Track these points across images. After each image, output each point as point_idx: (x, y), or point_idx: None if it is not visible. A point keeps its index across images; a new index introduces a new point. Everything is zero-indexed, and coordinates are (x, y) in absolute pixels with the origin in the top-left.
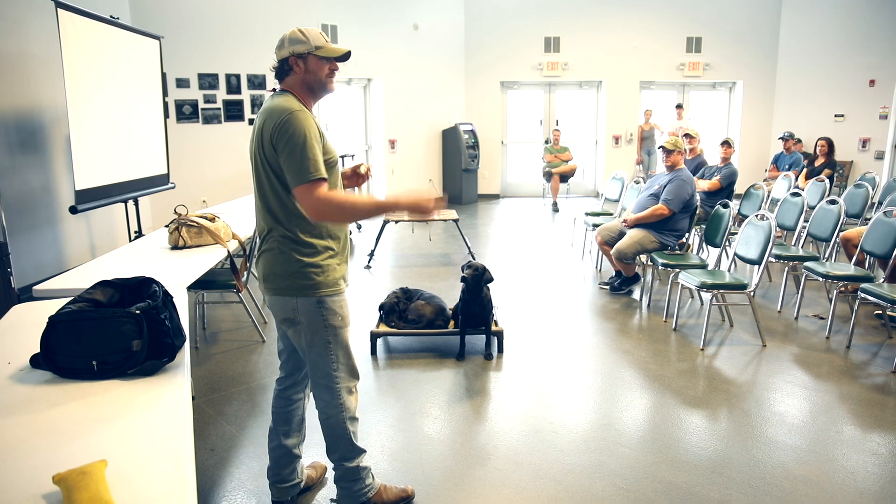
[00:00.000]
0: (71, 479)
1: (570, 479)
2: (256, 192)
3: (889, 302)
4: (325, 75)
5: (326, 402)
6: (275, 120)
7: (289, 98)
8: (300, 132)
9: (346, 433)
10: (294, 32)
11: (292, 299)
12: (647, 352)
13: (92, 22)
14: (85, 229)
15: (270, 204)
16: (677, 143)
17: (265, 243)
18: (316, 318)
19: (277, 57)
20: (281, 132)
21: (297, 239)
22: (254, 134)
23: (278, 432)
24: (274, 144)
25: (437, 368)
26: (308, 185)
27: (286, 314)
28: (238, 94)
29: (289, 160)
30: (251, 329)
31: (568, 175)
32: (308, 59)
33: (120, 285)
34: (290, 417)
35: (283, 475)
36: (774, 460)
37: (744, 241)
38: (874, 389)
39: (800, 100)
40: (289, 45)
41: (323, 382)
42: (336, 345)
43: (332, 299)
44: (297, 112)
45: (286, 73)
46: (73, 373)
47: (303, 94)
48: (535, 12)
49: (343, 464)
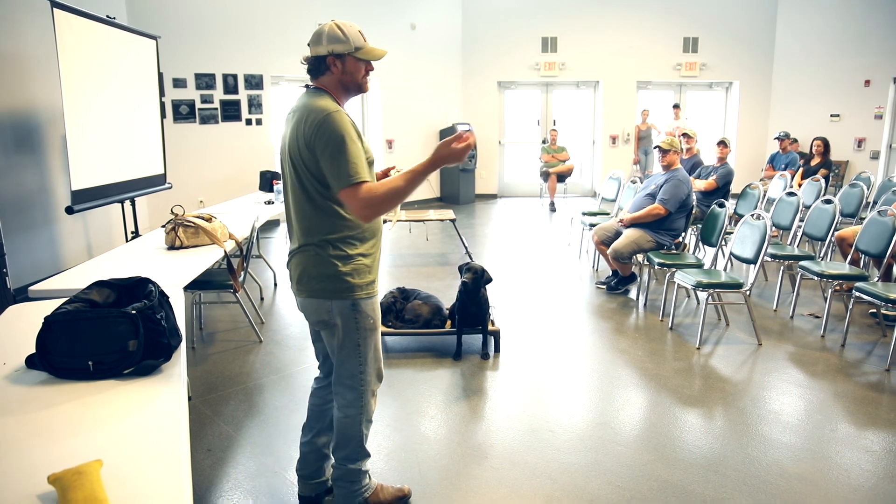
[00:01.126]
0: (66, 478)
1: (567, 478)
2: (290, 193)
3: (883, 301)
4: (361, 76)
5: (349, 401)
6: (311, 121)
7: (324, 97)
8: (339, 134)
9: (359, 434)
10: (333, 29)
11: (327, 302)
12: (643, 351)
13: (88, 21)
14: (81, 230)
15: (304, 205)
16: (673, 143)
17: (299, 244)
18: (350, 320)
19: (313, 53)
20: (318, 134)
21: (332, 241)
22: (287, 132)
23: (311, 429)
24: (310, 145)
25: (434, 368)
26: (352, 188)
27: (320, 316)
28: (235, 94)
29: (330, 163)
30: (248, 329)
31: (565, 175)
32: (346, 60)
33: (116, 285)
34: (324, 415)
35: (311, 471)
36: (769, 458)
37: (739, 241)
38: (868, 387)
39: (796, 100)
40: (327, 42)
41: (348, 383)
42: (366, 347)
43: (366, 302)
44: (335, 113)
45: (322, 72)
46: (69, 373)
47: (337, 92)
48: (532, 12)
49: (346, 464)
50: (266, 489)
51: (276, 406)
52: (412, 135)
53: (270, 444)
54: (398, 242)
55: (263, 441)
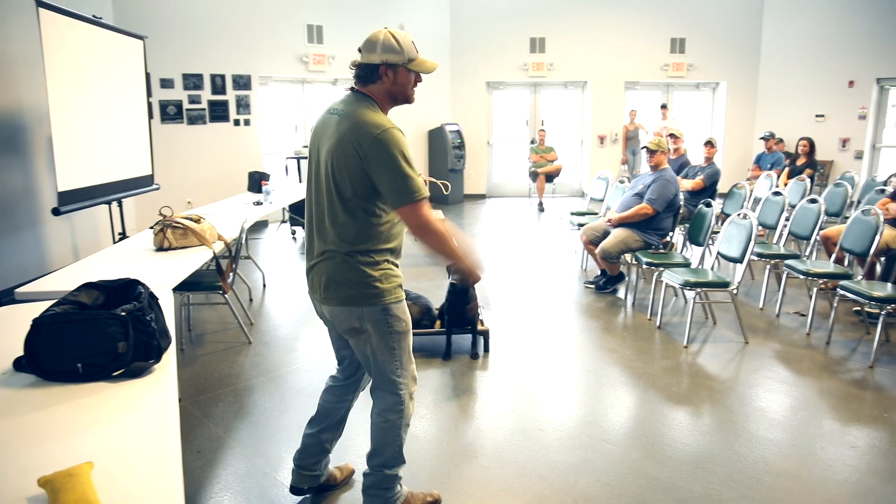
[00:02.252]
0: (57, 481)
1: (556, 476)
2: (323, 197)
3: (867, 298)
4: (410, 87)
5: (390, 405)
6: (368, 134)
7: (374, 107)
8: (399, 152)
9: (398, 439)
10: (388, 38)
11: (357, 308)
12: (631, 350)
13: (74, 21)
14: (68, 231)
15: (339, 212)
16: (661, 143)
17: (323, 251)
18: (382, 325)
19: (365, 60)
20: (377, 149)
21: (362, 249)
22: (325, 135)
23: (319, 423)
24: (363, 157)
25: (424, 368)
26: (413, 205)
27: (351, 324)
28: (223, 95)
29: (390, 180)
30: (237, 330)
31: (553, 175)
32: (399, 71)
33: (105, 287)
34: (334, 414)
35: (307, 464)
36: (756, 455)
37: (726, 240)
38: (853, 384)
39: (782, 100)
40: (381, 51)
41: (388, 388)
42: (400, 350)
43: (396, 306)
44: (393, 129)
45: (372, 80)
46: (58, 375)
47: (384, 102)
48: (520, 13)
49: (383, 470)
50: (256, 490)
51: (266, 407)
52: None
53: (260, 445)
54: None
55: (253, 442)
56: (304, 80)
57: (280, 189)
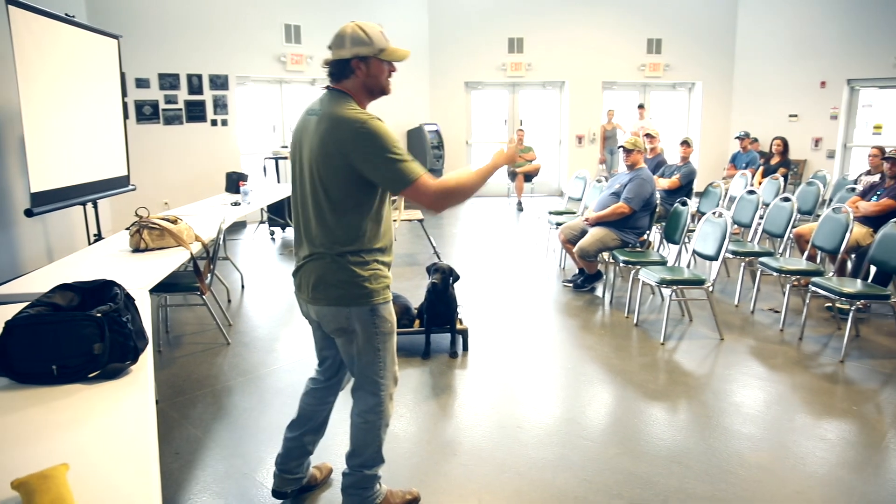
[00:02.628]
0: (31, 483)
1: (534, 473)
2: (308, 199)
3: (837, 295)
4: (384, 78)
5: (370, 406)
6: (349, 130)
7: (350, 102)
8: (383, 139)
9: (377, 439)
10: (356, 31)
11: (345, 308)
12: (609, 347)
13: (46, 20)
14: (42, 233)
15: (326, 213)
16: (637, 142)
17: (312, 252)
18: (369, 326)
19: (335, 56)
20: (361, 143)
21: (351, 250)
22: (304, 137)
23: (301, 426)
24: (347, 154)
25: (403, 367)
26: (414, 185)
27: (339, 324)
28: (200, 95)
29: (382, 169)
30: (215, 332)
31: (532, 174)
32: (371, 62)
33: (80, 288)
34: (316, 417)
35: (290, 467)
36: (730, 448)
37: (701, 238)
38: (824, 378)
39: (756, 100)
40: (351, 45)
41: (369, 389)
42: (385, 351)
43: (384, 307)
44: (372, 120)
45: (346, 75)
46: (32, 378)
47: (360, 96)
48: (498, 13)
49: (363, 470)
50: (235, 491)
51: (245, 408)
52: None
53: (239, 446)
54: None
55: (232, 443)
56: (282, 80)
57: (258, 189)
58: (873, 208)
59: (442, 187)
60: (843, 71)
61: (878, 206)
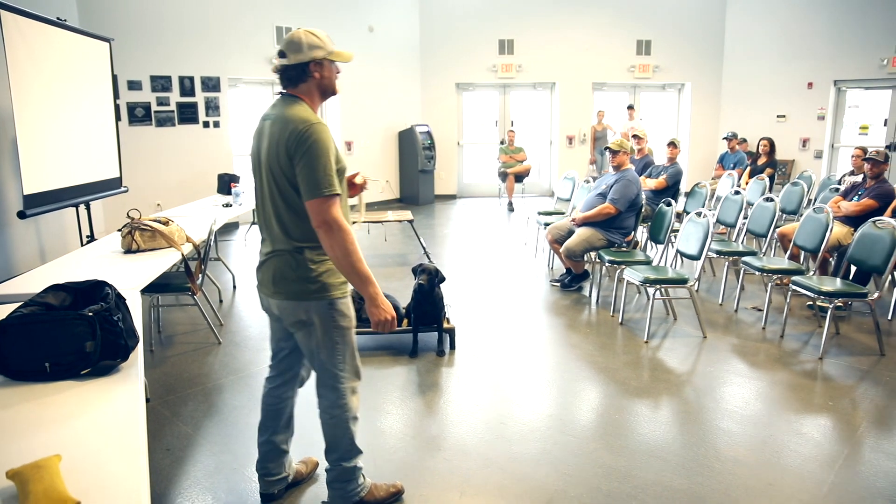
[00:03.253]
0: (25, 473)
1: (515, 467)
2: (266, 199)
3: (816, 293)
4: (335, 78)
5: (332, 401)
6: (294, 131)
7: (302, 106)
8: (320, 146)
9: (347, 432)
10: (309, 36)
11: (304, 302)
12: (593, 345)
13: (38, 24)
14: (34, 235)
15: (283, 212)
16: (623, 144)
17: (273, 249)
18: (328, 319)
19: (294, 61)
20: (300, 143)
21: (308, 246)
22: (263, 141)
23: (268, 428)
24: (291, 154)
25: (391, 366)
26: (323, 199)
27: (298, 317)
28: (192, 97)
29: (305, 171)
30: (207, 331)
31: (523, 175)
32: (324, 65)
33: (72, 289)
34: (280, 415)
35: (270, 469)
36: (707, 443)
37: (685, 238)
38: (803, 375)
39: (745, 101)
40: (308, 49)
41: (330, 383)
42: (344, 345)
43: (342, 301)
44: (317, 125)
45: (302, 79)
46: (26, 375)
47: (314, 99)
48: (488, 15)
49: (341, 464)
50: (225, 486)
51: (235, 406)
52: (371, 137)
53: (229, 442)
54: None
55: (222, 440)
56: (274, 81)
57: (250, 191)
58: (854, 208)
59: (338, 222)
60: (829, 72)
61: (859, 206)
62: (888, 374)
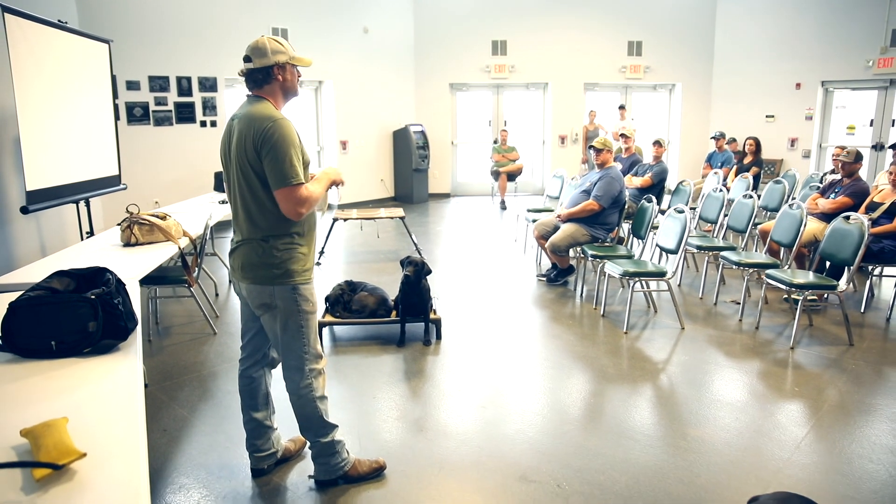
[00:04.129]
0: (36, 430)
1: (492, 446)
2: (236, 192)
3: (788, 285)
4: (296, 81)
5: (297, 382)
6: (259, 127)
7: (267, 105)
8: (284, 139)
9: (316, 411)
10: (272, 42)
11: (269, 287)
12: (574, 336)
13: (40, 26)
14: (35, 230)
15: (250, 203)
16: (606, 142)
17: (242, 238)
18: (291, 303)
19: (258, 64)
20: (266, 139)
21: (274, 234)
22: (232, 138)
23: (248, 406)
24: (258, 149)
25: (379, 354)
26: (290, 188)
27: (263, 300)
28: (189, 97)
29: (272, 164)
30: (203, 323)
31: (515, 174)
32: (286, 68)
33: (75, 275)
34: (255, 393)
35: (258, 445)
36: (675, 423)
37: (664, 233)
38: (774, 363)
39: (734, 101)
40: (272, 54)
41: (294, 364)
42: (307, 328)
43: (305, 286)
44: (281, 120)
45: (267, 81)
46: (33, 353)
47: (278, 100)
48: (482, 16)
49: (318, 440)
50: (217, 462)
51: (229, 391)
52: (366, 136)
53: (222, 423)
54: (351, 240)
55: (216, 421)
56: None
57: None
58: (830, 206)
59: (304, 200)
60: (817, 73)
61: (835, 204)
62: (854, 362)
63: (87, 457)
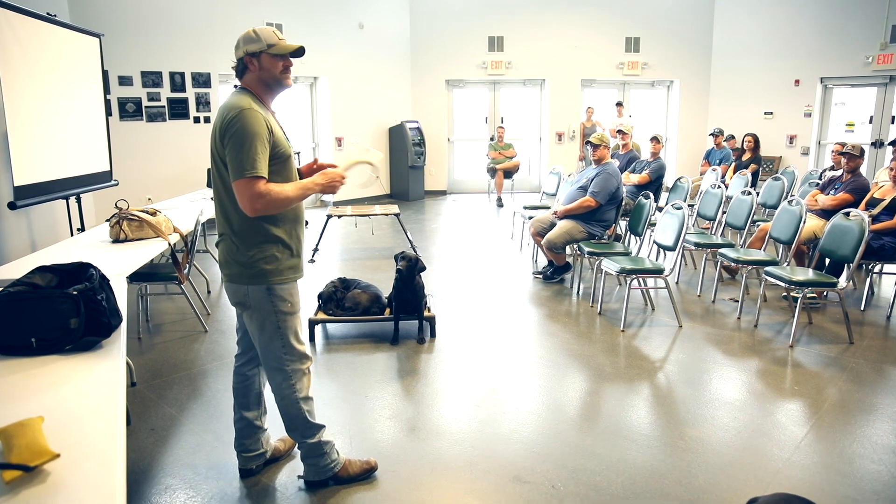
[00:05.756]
0: (9, 430)
1: (486, 445)
2: (216, 189)
3: (787, 282)
4: (279, 72)
5: (279, 383)
6: (224, 116)
7: (243, 96)
8: (246, 129)
9: (300, 412)
10: (248, 32)
11: (243, 286)
12: (571, 334)
13: (28, 19)
14: (24, 226)
15: (223, 197)
16: (603, 138)
17: (221, 232)
18: (265, 304)
19: (236, 56)
20: (227, 128)
21: (248, 230)
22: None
23: (239, 405)
24: (223, 139)
25: (372, 352)
26: (245, 180)
27: (238, 298)
28: (182, 93)
29: (230, 154)
30: (194, 320)
31: (512, 171)
32: (261, 58)
33: (58, 270)
34: (248, 392)
35: (247, 445)
36: (672, 423)
37: (661, 230)
38: (773, 362)
39: (733, 98)
40: (243, 45)
41: (274, 365)
42: (286, 329)
43: (281, 287)
44: (247, 110)
45: (243, 72)
46: (13, 350)
47: (260, 91)
48: (478, 12)
49: (305, 441)
50: (205, 462)
51: (219, 389)
52: (362, 133)
53: (211, 423)
54: (347, 238)
55: (205, 421)
56: None
57: None
58: (831, 202)
59: (260, 194)
60: (816, 70)
61: (836, 200)
62: (854, 360)
63: (62, 457)
